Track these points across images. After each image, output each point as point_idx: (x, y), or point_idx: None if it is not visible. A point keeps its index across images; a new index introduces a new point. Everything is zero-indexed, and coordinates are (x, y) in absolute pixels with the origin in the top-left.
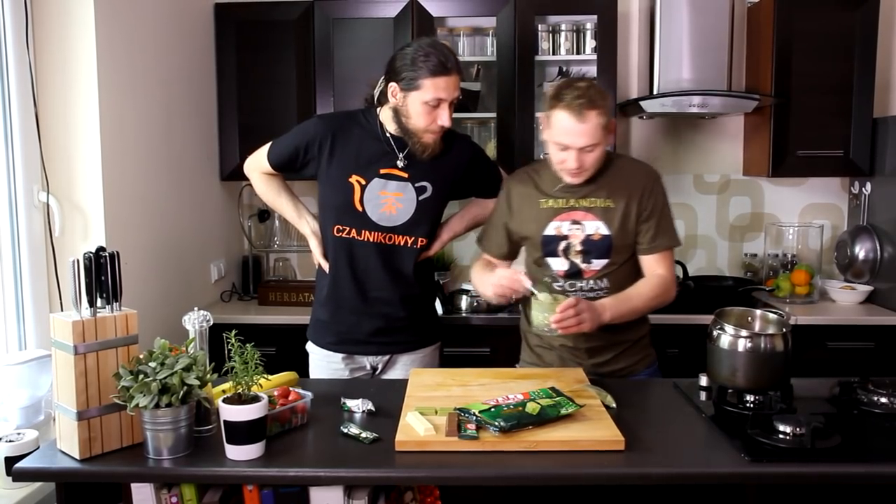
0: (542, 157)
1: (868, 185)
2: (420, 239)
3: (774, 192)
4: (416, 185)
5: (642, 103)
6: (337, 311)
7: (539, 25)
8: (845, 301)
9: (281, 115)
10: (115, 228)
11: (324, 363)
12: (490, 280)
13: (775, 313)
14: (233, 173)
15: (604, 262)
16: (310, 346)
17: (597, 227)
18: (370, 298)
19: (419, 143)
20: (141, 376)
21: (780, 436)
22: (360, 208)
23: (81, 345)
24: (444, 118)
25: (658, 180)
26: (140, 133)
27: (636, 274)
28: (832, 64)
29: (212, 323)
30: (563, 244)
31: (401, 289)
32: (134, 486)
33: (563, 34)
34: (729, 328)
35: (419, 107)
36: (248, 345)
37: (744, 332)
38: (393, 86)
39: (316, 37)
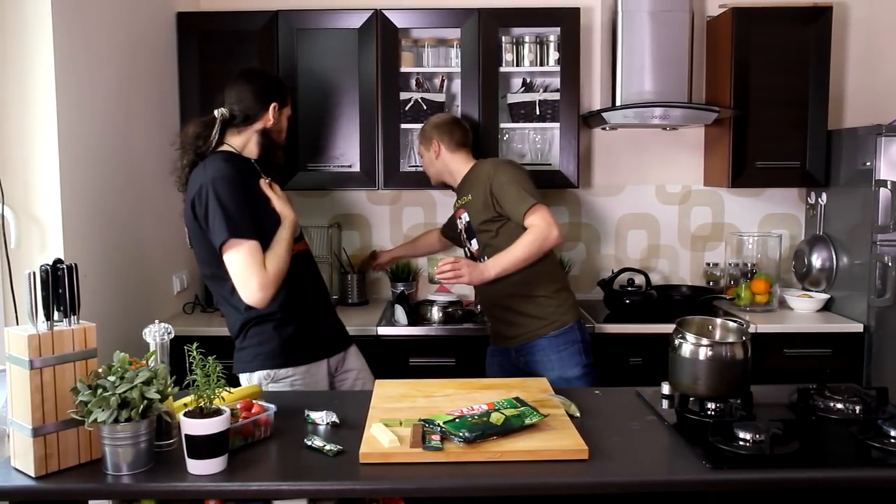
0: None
1: (824, 196)
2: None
3: (734, 203)
4: None
5: (605, 115)
6: (304, 322)
7: (503, 37)
8: (803, 309)
9: None
10: (74, 240)
11: (310, 380)
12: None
13: (735, 322)
14: None
15: (475, 241)
16: (284, 372)
17: (466, 218)
18: (322, 297)
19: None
20: (100, 391)
21: (741, 443)
22: None
23: (38, 359)
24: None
25: (498, 166)
26: (100, 143)
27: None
28: (788, 77)
29: (173, 335)
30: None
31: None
32: (92, 503)
33: (526, 46)
34: (690, 337)
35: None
36: (210, 357)
37: (705, 341)
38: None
39: (280, 47)
